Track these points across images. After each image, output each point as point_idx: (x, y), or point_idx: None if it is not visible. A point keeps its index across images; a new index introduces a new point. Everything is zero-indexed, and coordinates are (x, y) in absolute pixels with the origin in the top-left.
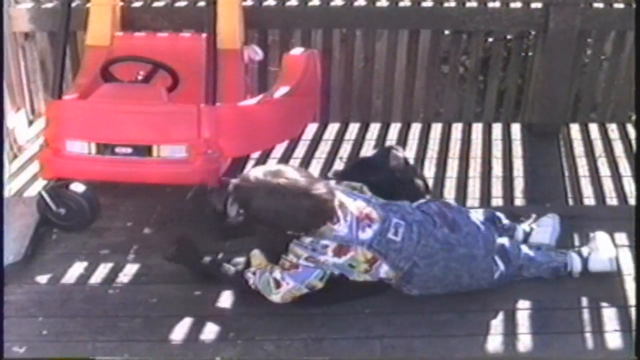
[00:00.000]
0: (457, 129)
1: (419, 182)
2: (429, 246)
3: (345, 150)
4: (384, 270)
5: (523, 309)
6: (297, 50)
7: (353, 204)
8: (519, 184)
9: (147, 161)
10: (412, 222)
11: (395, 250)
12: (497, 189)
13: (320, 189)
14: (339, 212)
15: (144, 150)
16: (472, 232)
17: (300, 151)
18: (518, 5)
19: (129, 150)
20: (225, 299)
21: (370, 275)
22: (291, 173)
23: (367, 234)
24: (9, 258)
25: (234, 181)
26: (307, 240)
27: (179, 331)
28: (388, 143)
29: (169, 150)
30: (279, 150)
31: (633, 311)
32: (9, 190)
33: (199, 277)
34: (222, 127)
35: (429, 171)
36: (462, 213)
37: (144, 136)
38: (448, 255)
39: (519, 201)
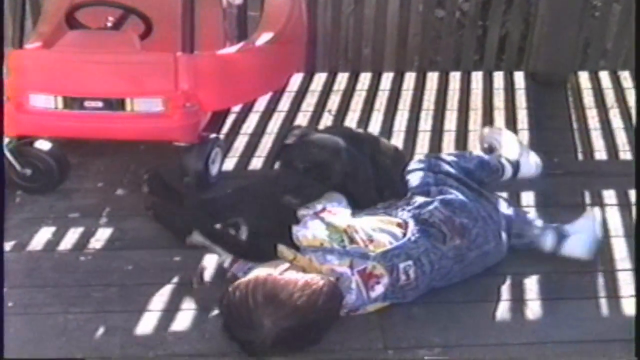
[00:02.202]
0: (455, 78)
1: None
2: (443, 267)
3: (333, 102)
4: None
5: (531, 274)
6: None
7: (351, 269)
8: (523, 137)
9: (119, 116)
10: (418, 256)
11: (412, 289)
12: None
13: (316, 282)
14: (342, 287)
15: (116, 104)
16: (481, 232)
17: (285, 103)
18: None
19: (100, 104)
20: (207, 266)
21: None
22: (273, 288)
23: (377, 290)
24: None
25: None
26: None
27: (158, 300)
28: (380, 94)
29: (143, 103)
30: (262, 102)
31: None
32: None
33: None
34: (201, 78)
35: (426, 124)
36: (467, 208)
37: (115, 88)
38: (462, 265)
39: None
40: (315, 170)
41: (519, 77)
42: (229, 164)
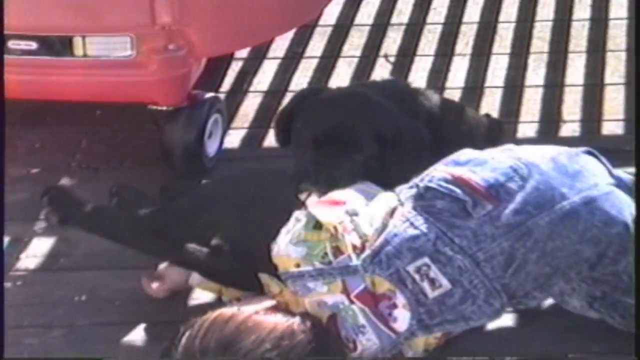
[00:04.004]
0: (582, 2)
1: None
2: (494, 254)
3: (393, 41)
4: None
5: None
6: None
7: (346, 295)
8: None
9: (64, 64)
10: (434, 247)
11: (462, 301)
12: None
13: (304, 331)
14: (347, 329)
15: (59, 46)
16: (537, 185)
17: (317, 45)
18: None
19: (33, 45)
20: (201, 294)
21: None
22: (234, 331)
23: (400, 318)
24: None
25: None
26: None
27: (127, 350)
28: (465, 30)
29: (101, 45)
30: (282, 44)
31: None
32: None
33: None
34: (190, 7)
35: (536, 75)
36: (485, 158)
37: (59, 21)
38: (531, 241)
39: None
40: (333, 141)
41: None
42: (235, 138)
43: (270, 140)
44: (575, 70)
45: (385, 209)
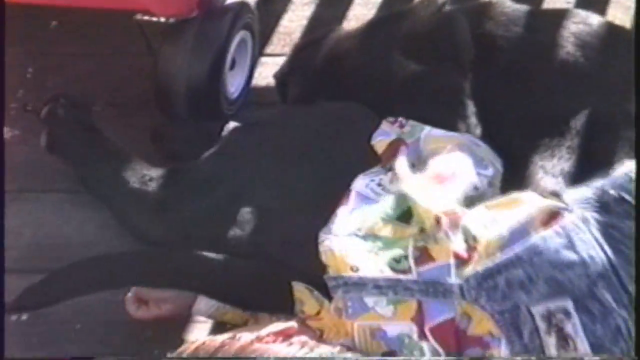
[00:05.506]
0: None
1: None
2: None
3: None
4: None
5: None
6: None
7: (417, 324)
8: None
9: None
10: (586, 290)
11: None
12: None
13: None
14: None
15: None
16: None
17: None
18: None
19: None
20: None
21: None
22: None
23: None
24: None
25: None
26: None
27: None
28: None
29: None
30: None
31: None
32: None
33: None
34: None
35: None
36: None
37: None
38: None
39: None
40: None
41: None
42: (272, 71)
43: None
44: None
45: (529, 210)
